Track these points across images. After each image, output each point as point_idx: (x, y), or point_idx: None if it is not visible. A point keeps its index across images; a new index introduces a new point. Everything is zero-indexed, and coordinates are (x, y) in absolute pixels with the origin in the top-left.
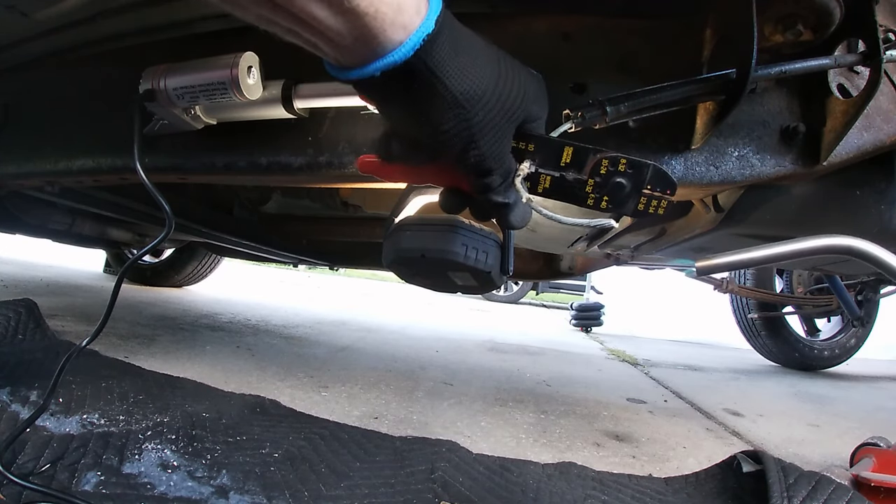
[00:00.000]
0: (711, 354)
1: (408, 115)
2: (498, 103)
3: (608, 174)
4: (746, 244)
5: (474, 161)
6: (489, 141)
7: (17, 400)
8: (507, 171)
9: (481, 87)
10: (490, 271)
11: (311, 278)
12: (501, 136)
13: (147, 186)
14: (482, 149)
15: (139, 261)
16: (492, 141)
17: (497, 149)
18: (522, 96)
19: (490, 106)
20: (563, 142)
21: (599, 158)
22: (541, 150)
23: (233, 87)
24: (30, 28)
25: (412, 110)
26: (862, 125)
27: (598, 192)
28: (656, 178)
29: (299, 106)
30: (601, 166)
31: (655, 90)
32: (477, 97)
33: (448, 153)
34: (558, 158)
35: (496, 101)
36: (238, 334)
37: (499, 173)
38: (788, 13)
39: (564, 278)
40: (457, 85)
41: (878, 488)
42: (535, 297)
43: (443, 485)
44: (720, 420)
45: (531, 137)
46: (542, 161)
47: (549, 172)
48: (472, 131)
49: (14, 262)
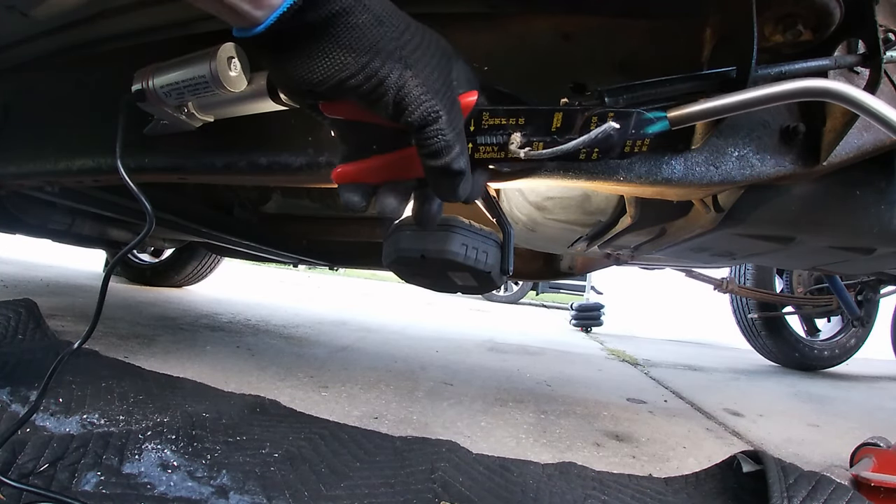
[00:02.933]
0: (711, 354)
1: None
2: (420, 31)
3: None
4: (747, 244)
5: (417, 95)
6: (429, 69)
7: (18, 400)
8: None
9: (396, 10)
10: (490, 271)
11: (311, 278)
12: (443, 69)
13: (128, 185)
14: (421, 76)
15: (139, 261)
16: (432, 69)
17: (442, 83)
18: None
19: (414, 29)
20: (552, 108)
21: (588, 116)
22: (532, 121)
23: (214, 81)
24: (30, 28)
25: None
26: (862, 125)
27: (588, 147)
28: (640, 121)
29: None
30: (591, 123)
31: (655, 83)
32: (398, 16)
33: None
34: (549, 125)
35: (417, 28)
36: (238, 334)
37: (446, 119)
38: (788, 13)
39: (564, 278)
40: (373, 4)
41: (878, 488)
42: (535, 298)
43: (443, 485)
44: (720, 420)
45: (520, 111)
46: (533, 130)
47: (542, 138)
48: (403, 52)
49: (14, 262)
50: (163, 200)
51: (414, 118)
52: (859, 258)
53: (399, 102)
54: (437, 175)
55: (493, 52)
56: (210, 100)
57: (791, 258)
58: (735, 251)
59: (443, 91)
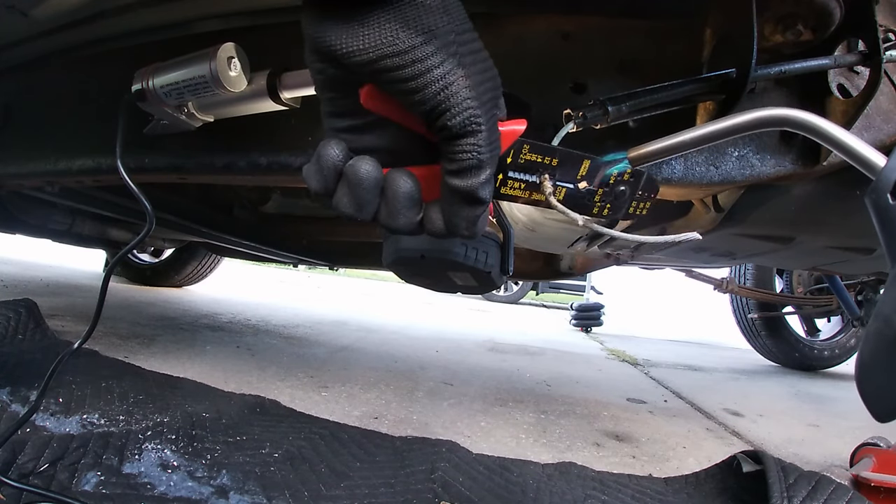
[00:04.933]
0: (711, 354)
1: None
2: (480, 43)
3: (615, 183)
4: (747, 244)
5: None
6: (481, 78)
7: (18, 400)
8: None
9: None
10: (490, 271)
11: (311, 278)
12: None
13: (128, 185)
14: (472, 80)
15: (139, 261)
16: (484, 81)
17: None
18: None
19: (474, 35)
20: (583, 155)
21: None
22: (563, 164)
23: (214, 81)
24: (30, 28)
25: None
26: (862, 125)
27: (603, 201)
28: (647, 182)
29: (286, 96)
30: (611, 177)
31: (656, 89)
32: (463, 13)
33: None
34: (576, 171)
35: (477, 39)
36: (238, 334)
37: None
38: (788, 13)
39: (564, 278)
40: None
41: (878, 488)
42: (535, 297)
43: (443, 485)
44: (720, 420)
45: (556, 150)
46: (561, 175)
47: (565, 184)
48: (461, 49)
49: (14, 262)
50: (163, 200)
51: (454, 123)
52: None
53: (441, 101)
54: (458, 199)
55: (493, 53)
56: (210, 100)
57: (791, 258)
58: (735, 251)
59: (489, 105)
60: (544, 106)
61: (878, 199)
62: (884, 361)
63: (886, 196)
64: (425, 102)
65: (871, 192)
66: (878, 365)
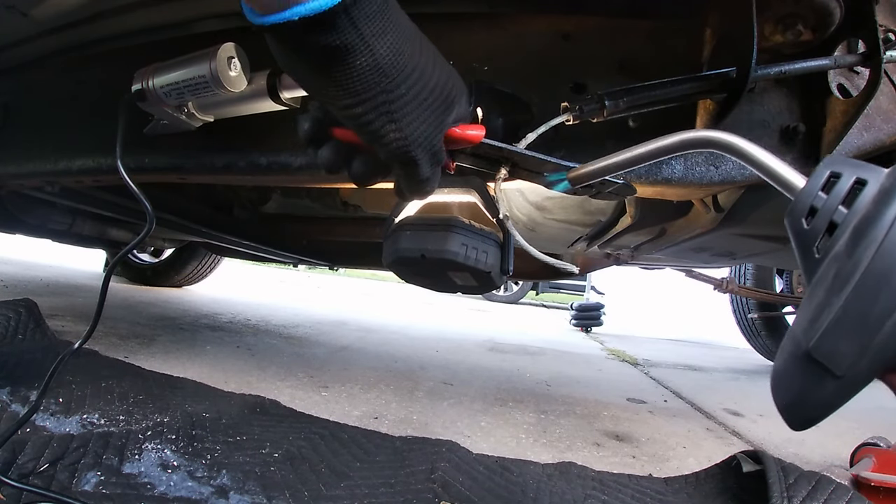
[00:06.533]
0: (711, 354)
1: (322, 79)
2: (423, 81)
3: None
4: (747, 244)
5: (395, 146)
6: (416, 123)
7: (18, 400)
8: (436, 160)
9: (404, 57)
10: (490, 271)
11: (311, 278)
12: (433, 122)
13: (128, 185)
14: (404, 131)
15: (139, 261)
16: (419, 124)
17: (426, 135)
18: (451, 85)
19: (414, 81)
20: (545, 158)
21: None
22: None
23: (214, 81)
24: (30, 28)
25: (327, 73)
26: (862, 125)
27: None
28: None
29: (286, 96)
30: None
31: (655, 86)
32: (400, 66)
33: (365, 130)
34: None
35: (420, 78)
36: (238, 334)
37: (425, 163)
38: (788, 13)
39: (564, 278)
40: (380, 48)
41: (878, 488)
42: (535, 297)
43: (443, 485)
44: (720, 420)
45: (514, 154)
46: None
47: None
48: (392, 107)
49: (14, 262)
50: (163, 200)
51: (390, 159)
52: None
53: (377, 142)
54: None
55: (493, 52)
56: (210, 100)
57: (791, 258)
58: (735, 251)
59: (426, 142)
60: (544, 106)
61: (793, 222)
62: (794, 378)
63: (801, 220)
64: (364, 136)
65: (788, 213)
66: (789, 379)
